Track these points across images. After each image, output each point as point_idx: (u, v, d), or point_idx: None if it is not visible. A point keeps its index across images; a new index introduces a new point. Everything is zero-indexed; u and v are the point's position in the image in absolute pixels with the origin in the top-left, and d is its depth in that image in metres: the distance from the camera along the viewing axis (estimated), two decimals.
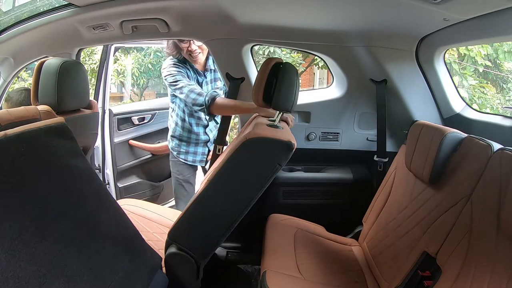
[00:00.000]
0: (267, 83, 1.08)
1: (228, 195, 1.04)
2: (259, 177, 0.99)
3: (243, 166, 0.99)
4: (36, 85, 1.29)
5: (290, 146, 0.95)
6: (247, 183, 1.01)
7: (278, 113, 1.14)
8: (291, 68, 1.11)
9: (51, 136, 0.85)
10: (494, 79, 4.85)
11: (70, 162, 0.89)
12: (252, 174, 1.00)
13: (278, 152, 0.96)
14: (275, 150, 0.96)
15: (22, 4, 1.66)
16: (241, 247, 1.89)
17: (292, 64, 1.10)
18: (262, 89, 1.08)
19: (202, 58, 1.75)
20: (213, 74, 1.86)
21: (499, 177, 0.90)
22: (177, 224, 1.08)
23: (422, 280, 1.04)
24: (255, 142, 0.95)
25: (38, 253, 0.68)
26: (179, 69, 1.72)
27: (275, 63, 1.10)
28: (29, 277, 0.64)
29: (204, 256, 1.08)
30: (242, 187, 1.02)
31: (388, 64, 1.61)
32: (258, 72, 1.10)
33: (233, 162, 0.98)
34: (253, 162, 0.98)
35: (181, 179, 1.97)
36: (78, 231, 0.82)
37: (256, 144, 0.96)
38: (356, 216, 1.62)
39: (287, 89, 1.06)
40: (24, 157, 0.74)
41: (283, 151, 0.95)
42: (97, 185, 0.98)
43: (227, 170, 1.00)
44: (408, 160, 1.34)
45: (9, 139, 0.72)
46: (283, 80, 1.06)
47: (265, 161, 0.97)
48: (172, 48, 1.72)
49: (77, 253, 0.78)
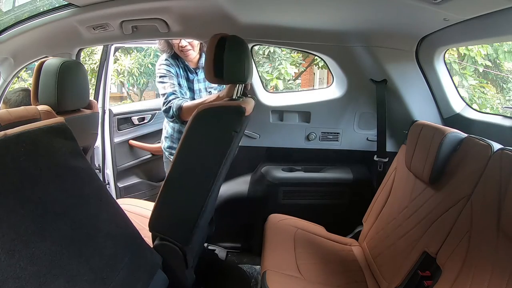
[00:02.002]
0: (217, 60, 1.06)
1: (193, 173, 1.03)
2: (218, 148, 0.98)
3: (200, 140, 0.99)
4: (36, 85, 1.29)
5: (239, 110, 0.95)
6: (208, 157, 1.00)
7: (236, 87, 1.14)
8: (237, 40, 1.09)
9: (51, 136, 0.85)
10: (494, 79, 4.85)
11: (70, 162, 0.89)
12: (211, 146, 0.99)
13: (229, 118, 0.96)
14: (226, 117, 0.96)
15: (22, 4, 1.66)
16: (241, 247, 1.89)
17: (238, 37, 1.09)
18: (211, 66, 1.06)
19: (193, 54, 1.73)
20: None
21: (499, 177, 0.90)
22: (153, 213, 1.07)
23: (422, 280, 1.03)
24: (205, 113, 0.95)
25: (38, 253, 0.68)
26: (169, 68, 1.71)
27: (220, 38, 1.08)
28: (29, 277, 0.64)
29: (186, 242, 1.06)
30: (205, 161, 1.01)
31: (388, 64, 1.61)
32: (206, 50, 1.09)
33: (190, 138, 0.98)
34: (209, 134, 0.98)
35: None
36: (78, 231, 0.81)
37: (206, 115, 0.96)
38: (356, 216, 1.62)
39: (236, 60, 1.05)
40: (24, 157, 0.74)
41: (234, 117, 0.95)
42: (97, 185, 0.98)
43: (186, 148, 0.99)
44: (408, 160, 1.34)
45: (9, 139, 0.72)
46: (230, 52, 1.04)
47: (220, 130, 0.97)
48: (164, 45, 1.72)
49: (77, 253, 0.78)
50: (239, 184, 1.87)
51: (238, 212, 1.85)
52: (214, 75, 1.06)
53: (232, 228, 1.87)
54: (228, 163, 1.10)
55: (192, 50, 1.71)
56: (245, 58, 1.09)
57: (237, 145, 1.14)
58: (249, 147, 1.84)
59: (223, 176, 1.15)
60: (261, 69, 4.93)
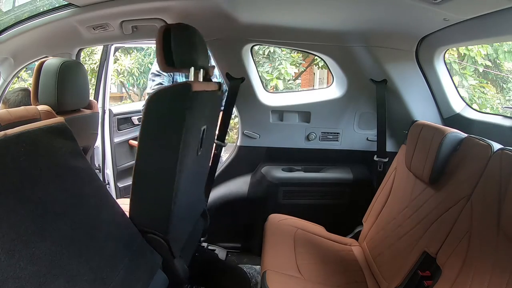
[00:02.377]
0: (165, 49, 1.07)
1: (155, 157, 1.03)
2: (174, 127, 0.98)
3: (155, 123, 0.99)
4: (36, 85, 1.29)
5: (185, 87, 0.96)
6: (166, 138, 1.00)
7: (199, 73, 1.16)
8: (183, 27, 1.10)
9: (51, 136, 0.85)
10: (494, 79, 4.85)
11: (70, 162, 0.89)
12: (166, 127, 0.99)
13: (177, 96, 0.97)
14: (173, 96, 0.97)
15: (22, 4, 1.66)
16: (241, 247, 1.89)
17: (184, 24, 1.10)
18: (162, 55, 1.07)
19: None
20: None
21: (499, 177, 0.90)
22: (130, 207, 1.07)
23: (422, 280, 1.03)
24: (155, 96, 0.96)
25: (38, 253, 0.68)
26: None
27: (165, 29, 1.09)
28: (29, 277, 0.64)
29: (165, 231, 1.06)
30: (164, 143, 1.01)
31: (388, 64, 1.61)
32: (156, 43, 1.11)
33: (146, 124, 0.99)
34: (162, 116, 0.98)
35: None
36: (78, 231, 0.82)
37: (156, 98, 0.97)
38: (356, 216, 1.62)
39: (183, 47, 1.06)
40: (24, 157, 0.74)
41: (181, 94, 0.96)
42: (97, 185, 0.98)
43: (145, 135, 1.00)
44: (408, 160, 1.34)
45: (9, 139, 0.72)
46: (176, 40, 1.05)
47: (171, 110, 0.98)
48: None
49: (77, 253, 0.78)
50: (239, 184, 1.87)
51: (238, 212, 1.85)
52: (166, 64, 1.07)
53: (232, 228, 1.87)
54: (194, 143, 1.10)
55: None
56: (194, 44, 1.09)
57: (203, 124, 1.15)
58: (249, 147, 1.84)
59: (194, 159, 1.15)
60: (261, 69, 4.94)
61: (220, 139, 1.76)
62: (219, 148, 1.77)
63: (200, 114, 1.10)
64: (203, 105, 1.11)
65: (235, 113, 1.82)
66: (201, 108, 1.09)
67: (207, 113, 1.22)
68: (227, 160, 1.89)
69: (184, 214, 1.19)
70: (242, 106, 1.77)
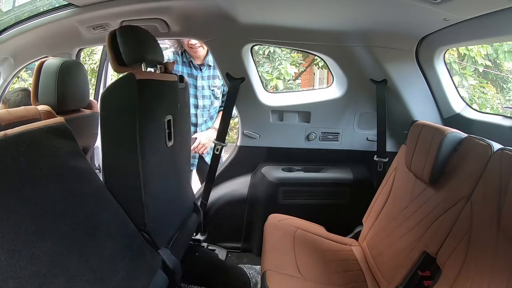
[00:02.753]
0: (115, 51, 1.09)
1: (118, 152, 1.05)
2: (127, 119, 1.00)
3: (110, 119, 1.01)
4: (36, 85, 1.29)
5: (127, 76, 0.99)
6: (122, 131, 1.02)
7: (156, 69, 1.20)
8: (128, 28, 1.12)
9: (51, 136, 0.85)
10: (494, 79, 4.85)
11: (70, 162, 0.89)
12: (120, 120, 1.02)
13: (128, 87, 0.99)
14: (119, 87, 1.00)
15: (22, 4, 1.66)
16: (241, 247, 1.89)
17: (130, 26, 1.13)
18: (113, 57, 1.10)
19: (202, 51, 1.78)
20: (212, 71, 1.87)
21: (499, 177, 0.90)
22: None
23: (422, 280, 1.03)
24: (107, 92, 1.00)
25: (38, 253, 0.68)
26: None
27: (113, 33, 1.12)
28: (29, 277, 0.64)
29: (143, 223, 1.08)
30: (122, 137, 1.03)
31: (388, 64, 1.61)
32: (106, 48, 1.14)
33: (104, 123, 1.01)
34: (113, 110, 1.01)
35: None
36: (78, 231, 0.82)
37: (109, 94, 1.00)
38: (356, 216, 1.61)
39: (130, 45, 1.08)
40: (24, 157, 0.74)
41: (126, 84, 0.99)
42: (97, 185, 0.98)
43: (104, 132, 1.02)
44: (408, 160, 1.34)
45: (9, 139, 0.72)
46: (122, 40, 1.08)
47: (124, 102, 1.00)
48: (173, 41, 1.78)
49: (77, 253, 0.78)
50: (239, 184, 1.87)
51: (238, 212, 1.85)
52: (118, 64, 1.10)
53: (232, 228, 1.87)
54: (157, 133, 1.13)
55: (202, 47, 1.75)
56: (141, 42, 1.12)
57: (166, 114, 1.19)
58: (249, 147, 1.84)
59: (164, 150, 1.18)
60: (261, 69, 4.94)
61: (220, 139, 1.76)
62: (219, 148, 1.77)
63: (156, 103, 1.13)
64: (158, 94, 1.14)
65: (235, 113, 1.82)
66: (155, 98, 1.12)
67: (169, 104, 1.25)
68: (227, 160, 1.89)
69: (164, 207, 1.21)
70: (242, 106, 1.77)
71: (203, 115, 1.91)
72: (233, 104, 1.72)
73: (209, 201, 1.85)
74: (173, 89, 1.29)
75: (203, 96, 1.87)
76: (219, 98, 1.92)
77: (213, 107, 1.91)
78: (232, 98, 1.71)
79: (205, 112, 1.90)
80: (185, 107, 1.44)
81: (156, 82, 1.14)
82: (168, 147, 1.21)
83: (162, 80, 1.20)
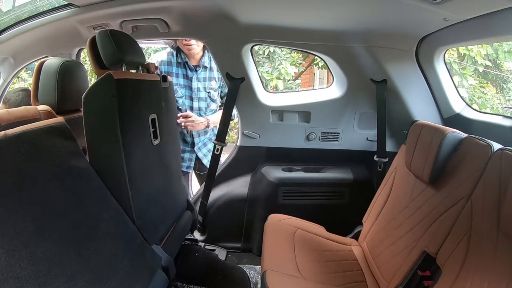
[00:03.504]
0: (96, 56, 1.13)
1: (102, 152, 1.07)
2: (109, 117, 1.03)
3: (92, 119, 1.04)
4: (36, 85, 1.29)
5: (106, 76, 1.01)
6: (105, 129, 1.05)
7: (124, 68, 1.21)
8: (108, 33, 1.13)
9: (51, 136, 0.86)
10: (494, 79, 4.86)
11: (70, 162, 0.89)
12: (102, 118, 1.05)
13: (106, 87, 1.01)
14: (99, 87, 1.02)
15: (22, 4, 1.66)
16: (241, 247, 1.89)
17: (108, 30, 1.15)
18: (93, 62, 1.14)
19: (197, 49, 1.76)
20: (208, 73, 1.85)
21: (499, 177, 0.90)
22: None
23: (422, 280, 1.04)
24: (88, 93, 1.01)
25: (38, 253, 0.68)
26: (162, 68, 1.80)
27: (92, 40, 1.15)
28: (29, 277, 0.64)
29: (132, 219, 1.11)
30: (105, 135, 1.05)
31: (388, 64, 1.61)
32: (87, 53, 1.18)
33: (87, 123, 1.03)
34: (95, 110, 1.03)
35: None
36: (78, 231, 0.82)
37: (89, 95, 1.02)
38: (356, 216, 1.62)
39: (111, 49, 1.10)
40: (24, 157, 0.74)
41: (105, 83, 1.01)
42: (97, 185, 0.98)
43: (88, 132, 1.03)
44: (408, 160, 1.34)
45: (9, 139, 0.72)
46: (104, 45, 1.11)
47: (104, 102, 1.02)
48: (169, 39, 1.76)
49: (77, 253, 0.78)
50: (239, 184, 1.87)
51: (238, 212, 1.85)
52: (99, 68, 1.13)
53: (232, 228, 1.87)
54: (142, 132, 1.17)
55: (197, 45, 1.73)
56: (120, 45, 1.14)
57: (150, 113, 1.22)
58: (249, 147, 1.84)
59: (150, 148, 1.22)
60: (261, 69, 4.94)
61: (220, 139, 1.76)
62: (219, 148, 1.77)
63: (138, 102, 1.16)
64: (139, 93, 1.17)
65: (235, 113, 1.82)
66: (136, 97, 1.15)
67: (152, 103, 1.27)
68: (227, 160, 1.89)
69: (153, 203, 1.23)
70: (242, 106, 1.77)
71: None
72: (233, 104, 1.72)
73: (209, 201, 1.85)
74: (155, 88, 1.32)
75: (199, 98, 1.85)
76: (216, 101, 1.91)
77: (209, 110, 1.90)
78: (232, 98, 1.71)
79: (201, 115, 1.89)
80: (170, 106, 1.46)
81: (136, 82, 1.17)
82: (154, 145, 1.24)
83: (143, 80, 1.22)
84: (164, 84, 1.38)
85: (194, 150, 1.95)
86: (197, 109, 1.87)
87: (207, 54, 1.82)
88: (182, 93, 1.84)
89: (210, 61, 1.83)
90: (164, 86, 1.38)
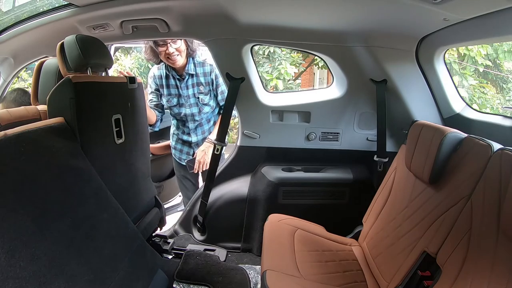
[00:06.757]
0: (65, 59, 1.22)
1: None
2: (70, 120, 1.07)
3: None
4: (36, 85, 1.29)
5: (65, 80, 1.08)
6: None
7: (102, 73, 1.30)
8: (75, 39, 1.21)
9: (51, 136, 0.86)
10: (494, 79, 4.85)
11: (70, 162, 0.89)
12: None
13: (65, 90, 1.08)
14: (58, 91, 1.08)
15: (22, 4, 1.66)
16: (241, 247, 1.89)
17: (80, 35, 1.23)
18: (62, 64, 1.23)
19: (180, 60, 1.78)
20: (195, 79, 1.87)
21: (499, 177, 0.90)
22: None
23: (422, 280, 1.04)
24: (50, 96, 1.08)
25: (38, 253, 0.68)
26: (152, 81, 1.91)
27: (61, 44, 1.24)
28: (29, 277, 0.64)
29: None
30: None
31: (388, 64, 1.61)
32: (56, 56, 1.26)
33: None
34: (59, 112, 1.08)
35: (178, 175, 2.14)
36: (78, 231, 0.82)
37: (51, 97, 1.08)
38: (356, 216, 1.62)
39: (75, 53, 1.18)
40: (24, 157, 0.74)
41: (63, 87, 1.08)
42: (97, 185, 0.98)
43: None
44: (408, 160, 1.34)
45: (9, 139, 0.72)
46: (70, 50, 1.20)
47: (63, 103, 1.08)
48: (150, 54, 1.80)
49: (77, 253, 0.78)
50: (239, 184, 1.87)
51: (238, 212, 1.85)
52: (66, 70, 1.22)
53: (232, 228, 1.87)
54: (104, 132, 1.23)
55: (180, 55, 1.75)
56: (86, 49, 1.22)
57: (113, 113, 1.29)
58: (249, 147, 1.84)
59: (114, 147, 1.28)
60: (261, 69, 4.94)
61: (220, 139, 1.76)
62: (219, 148, 1.77)
63: (99, 103, 1.22)
64: (100, 95, 1.23)
65: (235, 113, 1.82)
66: (98, 98, 1.21)
67: (116, 104, 1.34)
68: (227, 160, 1.89)
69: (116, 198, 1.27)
70: (242, 106, 1.77)
71: (194, 122, 1.94)
72: (233, 104, 1.72)
73: (209, 201, 1.85)
74: (120, 89, 1.38)
75: (190, 105, 1.89)
76: (209, 104, 1.91)
77: (203, 113, 1.92)
78: (232, 98, 1.71)
79: (195, 120, 1.93)
80: (137, 106, 1.51)
81: (98, 84, 1.23)
82: (117, 144, 1.29)
83: (105, 82, 1.28)
84: (132, 85, 1.44)
85: (192, 146, 2.00)
86: (190, 115, 1.91)
87: (191, 61, 1.83)
88: (176, 102, 1.90)
89: (195, 67, 1.84)
90: (131, 87, 1.44)
